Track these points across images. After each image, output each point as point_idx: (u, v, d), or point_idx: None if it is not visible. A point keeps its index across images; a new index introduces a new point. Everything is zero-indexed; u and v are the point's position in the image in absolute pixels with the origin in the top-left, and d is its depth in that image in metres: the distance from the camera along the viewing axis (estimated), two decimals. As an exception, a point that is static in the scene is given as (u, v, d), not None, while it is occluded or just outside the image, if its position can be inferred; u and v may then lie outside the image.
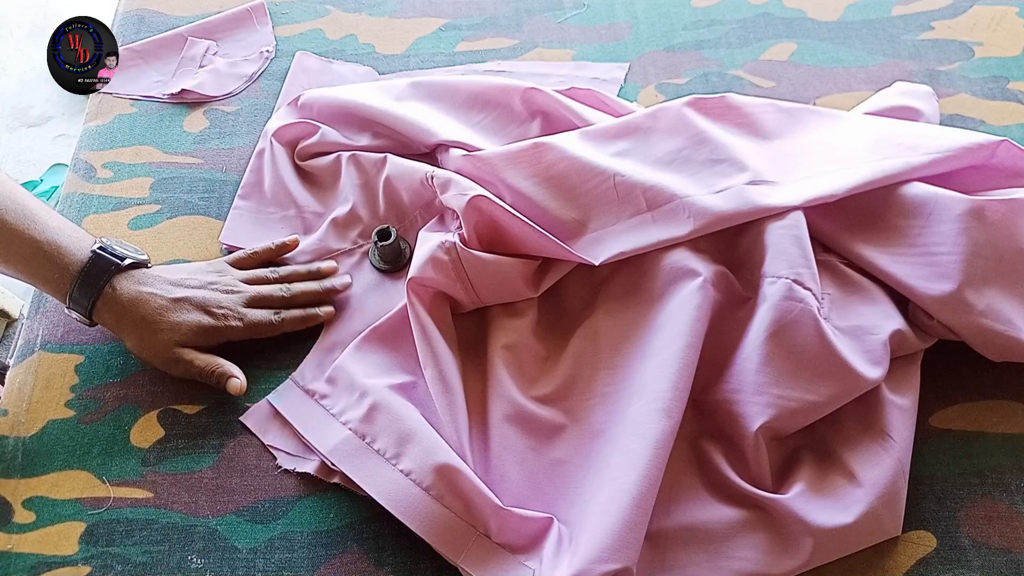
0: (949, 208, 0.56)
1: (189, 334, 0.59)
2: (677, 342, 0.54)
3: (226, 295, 0.62)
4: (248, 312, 0.61)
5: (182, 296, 0.60)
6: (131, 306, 0.58)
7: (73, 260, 0.58)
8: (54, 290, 0.59)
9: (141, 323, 0.58)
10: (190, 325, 0.59)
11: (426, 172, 0.65)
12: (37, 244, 0.57)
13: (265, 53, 0.84)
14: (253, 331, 0.62)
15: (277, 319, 0.62)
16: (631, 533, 0.49)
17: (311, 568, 0.54)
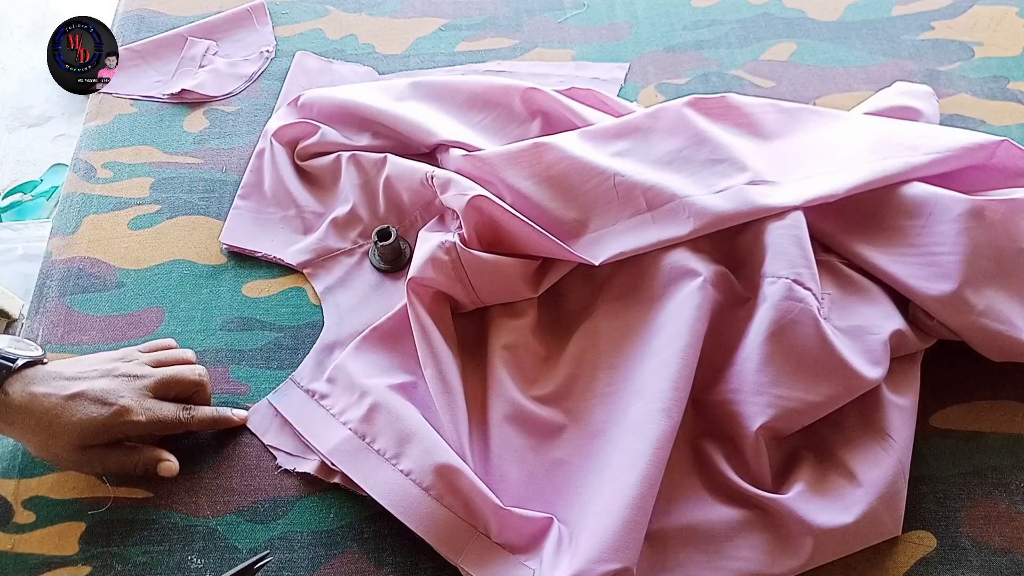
0: (949, 208, 0.56)
1: (85, 433, 0.52)
2: (677, 342, 0.54)
3: (127, 381, 0.55)
4: (153, 405, 0.55)
5: (78, 391, 0.53)
6: (24, 411, 0.52)
7: None
8: None
9: (36, 428, 0.52)
10: (84, 422, 0.52)
11: (426, 172, 0.65)
12: None
13: (265, 53, 0.84)
14: (158, 427, 0.55)
15: (186, 416, 0.56)
16: (631, 533, 0.49)
17: (311, 568, 0.54)
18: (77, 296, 0.68)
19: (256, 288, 0.68)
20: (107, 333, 0.65)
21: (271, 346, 0.64)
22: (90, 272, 0.69)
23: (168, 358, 0.59)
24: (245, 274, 0.68)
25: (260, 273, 0.69)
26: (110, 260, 0.70)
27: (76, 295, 0.68)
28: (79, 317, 0.66)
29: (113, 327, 0.66)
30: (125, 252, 0.70)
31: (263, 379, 0.63)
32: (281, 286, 0.68)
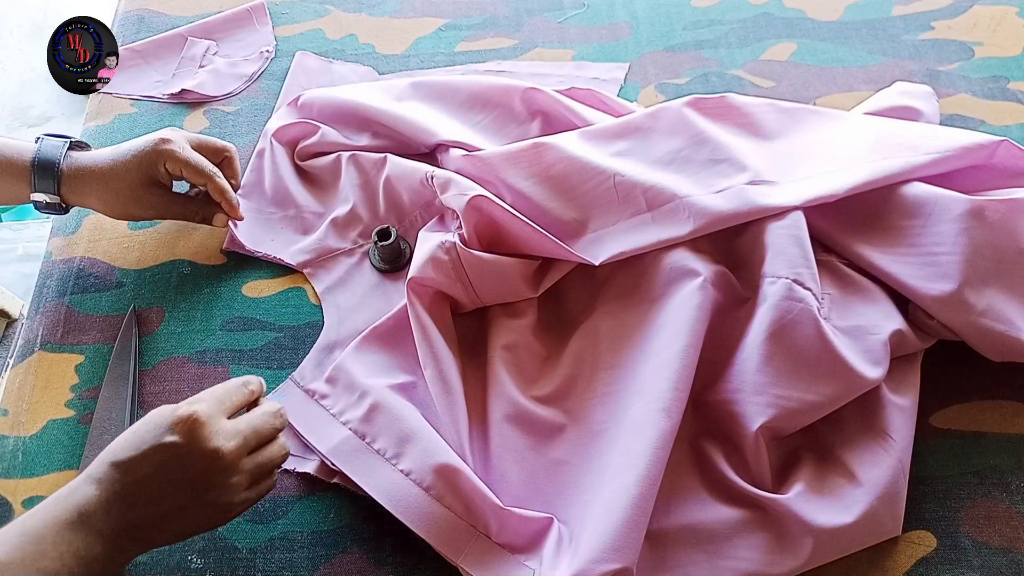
0: (949, 208, 0.56)
1: (141, 163, 0.60)
2: (677, 342, 0.54)
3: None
4: (188, 146, 0.63)
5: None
6: (92, 162, 0.60)
7: (24, 151, 0.60)
8: (16, 189, 0.60)
9: (102, 176, 0.60)
10: (136, 153, 0.61)
11: (426, 172, 0.65)
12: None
13: (265, 53, 0.84)
14: (192, 169, 0.63)
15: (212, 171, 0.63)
16: (631, 533, 0.49)
17: (311, 568, 0.54)
18: (77, 296, 0.68)
19: (256, 288, 0.68)
20: (107, 333, 0.65)
21: (271, 346, 0.64)
22: (90, 272, 0.69)
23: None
24: (245, 274, 0.69)
25: (260, 273, 0.69)
26: (110, 260, 0.70)
27: (76, 295, 0.68)
28: (79, 317, 0.66)
29: (113, 327, 0.65)
30: (125, 252, 0.70)
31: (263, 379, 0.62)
32: (281, 286, 0.68)
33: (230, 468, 0.47)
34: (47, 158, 0.60)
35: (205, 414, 0.46)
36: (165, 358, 0.64)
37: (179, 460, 0.45)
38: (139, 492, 0.45)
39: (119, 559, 0.45)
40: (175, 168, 0.62)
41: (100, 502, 0.45)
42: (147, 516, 0.45)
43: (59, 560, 0.42)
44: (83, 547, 0.43)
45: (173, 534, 0.47)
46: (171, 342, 0.65)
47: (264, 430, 0.49)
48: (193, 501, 0.46)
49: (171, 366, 0.64)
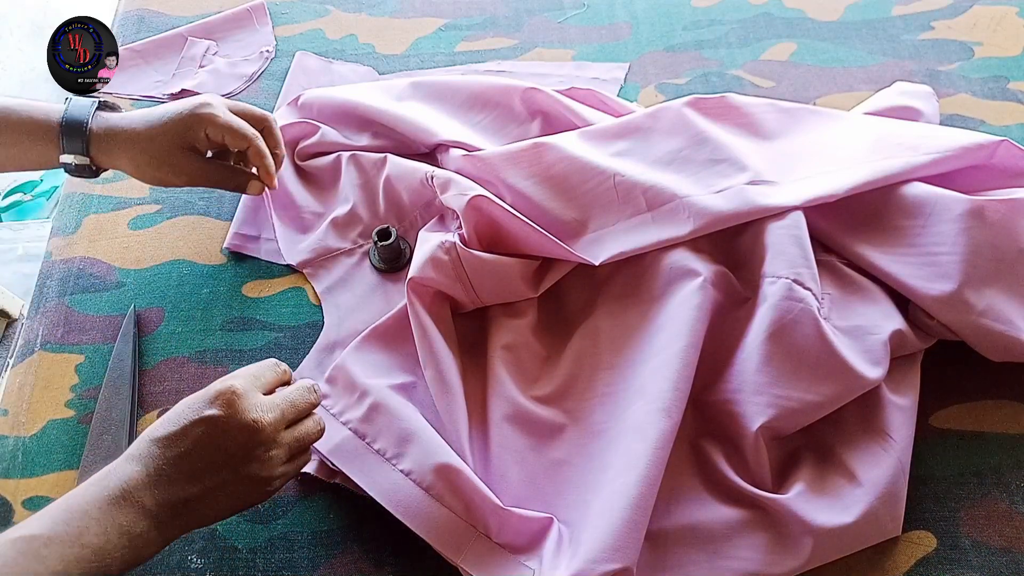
0: (949, 208, 0.56)
1: (177, 126, 0.59)
2: (677, 342, 0.54)
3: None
4: (228, 111, 0.61)
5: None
6: (124, 124, 0.58)
7: (52, 112, 0.58)
8: (45, 151, 0.58)
9: (137, 138, 0.58)
10: (172, 115, 0.59)
11: (426, 172, 0.65)
12: (8, 109, 0.57)
13: (265, 53, 0.84)
14: (231, 131, 0.61)
15: (255, 139, 0.61)
16: (631, 533, 0.49)
17: (311, 568, 0.54)
18: (77, 296, 0.68)
19: (256, 288, 0.68)
20: (107, 333, 0.65)
21: (271, 346, 0.64)
22: (90, 272, 0.69)
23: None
24: (245, 274, 0.69)
25: (260, 273, 0.69)
26: (110, 260, 0.70)
27: (76, 295, 0.68)
28: (79, 317, 0.66)
29: (113, 327, 0.65)
30: (125, 252, 0.70)
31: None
32: (281, 286, 0.68)
33: (269, 440, 0.47)
34: (75, 118, 0.58)
35: (243, 388, 0.47)
36: (165, 358, 0.64)
37: (219, 433, 0.46)
38: (180, 467, 0.45)
39: (164, 536, 0.45)
40: (216, 133, 0.60)
41: (142, 478, 0.45)
42: (189, 491, 0.45)
43: (103, 535, 0.43)
44: (127, 522, 0.43)
45: (215, 510, 0.47)
46: (171, 342, 0.65)
47: (301, 404, 0.50)
48: (234, 475, 0.46)
49: (171, 366, 0.64)
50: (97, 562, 0.42)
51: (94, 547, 0.42)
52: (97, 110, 0.59)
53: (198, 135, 0.60)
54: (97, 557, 0.42)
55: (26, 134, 0.57)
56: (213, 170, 0.62)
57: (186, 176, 0.61)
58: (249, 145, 0.61)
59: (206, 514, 0.47)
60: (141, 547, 0.44)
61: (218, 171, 0.62)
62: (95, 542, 0.42)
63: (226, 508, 0.48)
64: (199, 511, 0.46)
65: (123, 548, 0.43)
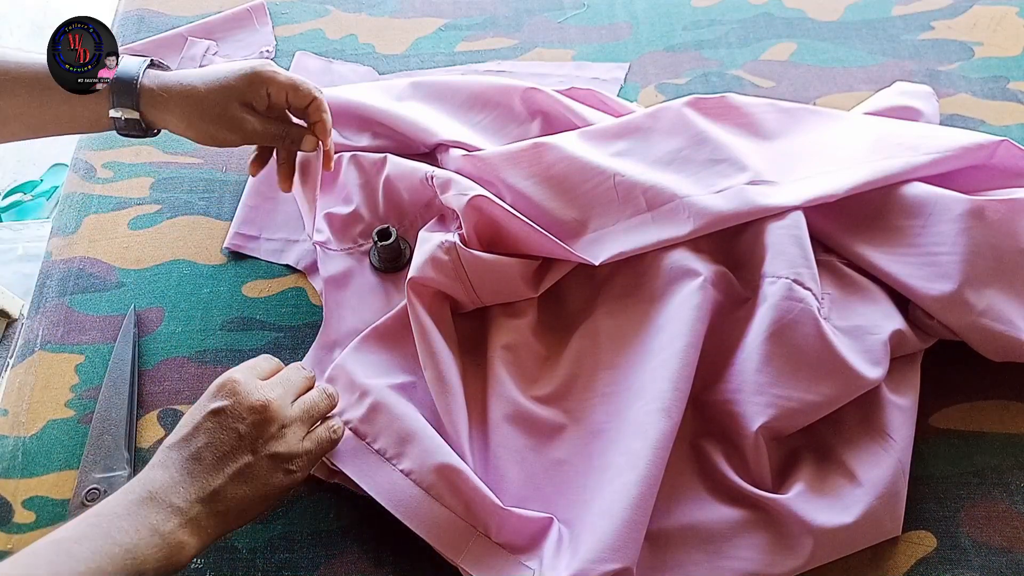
0: (949, 208, 0.56)
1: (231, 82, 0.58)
2: (677, 342, 0.54)
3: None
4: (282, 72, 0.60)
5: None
6: (178, 80, 0.58)
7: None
8: (95, 108, 0.57)
9: (189, 97, 0.57)
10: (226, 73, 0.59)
11: (426, 172, 0.65)
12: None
13: (265, 53, 0.84)
14: (292, 87, 0.60)
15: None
16: (631, 533, 0.49)
17: (311, 568, 0.54)
18: (77, 296, 0.68)
19: (256, 288, 0.68)
20: (107, 333, 0.65)
21: (271, 346, 0.64)
22: (90, 272, 0.69)
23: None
24: (245, 274, 0.69)
25: (260, 273, 0.69)
26: (110, 260, 0.70)
27: (76, 295, 0.68)
28: (79, 317, 0.66)
29: (113, 327, 0.66)
30: (125, 252, 0.70)
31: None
32: (281, 286, 0.68)
33: (279, 415, 0.49)
34: (126, 72, 0.57)
35: (241, 376, 0.49)
36: (165, 358, 0.64)
37: (230, 420, 0.47)
38: (200, 462, 0.46)
39: (200, 534, 0.45)
40: (279, 91, 0.60)
41: (166, 480, 0.45)
42: (214, 483, 0.46)
43: (135, 532, 0.42)
44: (158, 521, 0.43)
45: (246, 501, 0.47)
46: (171, 342, 0.65)
47: (297, 381, 0.52)
48: (255, 457, 0.47)
49: (171, 366, 0.64)
50: (130, 560, 0.42)
51: (126, 545, 0.42)
52: (148, 68, 0.58)
53: (259, 92, 0.59)
54: (129, 555, 0.42)
55: (75, 95, 0.56)
56: (271, 126, 0.61)
57: (241, 133, 0.60)
58: (312, 100, 0.61)
59: (236, 506, 0.46)
60: (175, 547, 0.43)
61: (276, 127, 0.61)
62: (126, 540, 0.42)
63: (256, 498, 0.47)
64: (230, 504, 0.46)
65: (156, 547, 0.43)
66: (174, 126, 0.59)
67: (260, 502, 0.48)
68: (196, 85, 0.58)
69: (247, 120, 0.59)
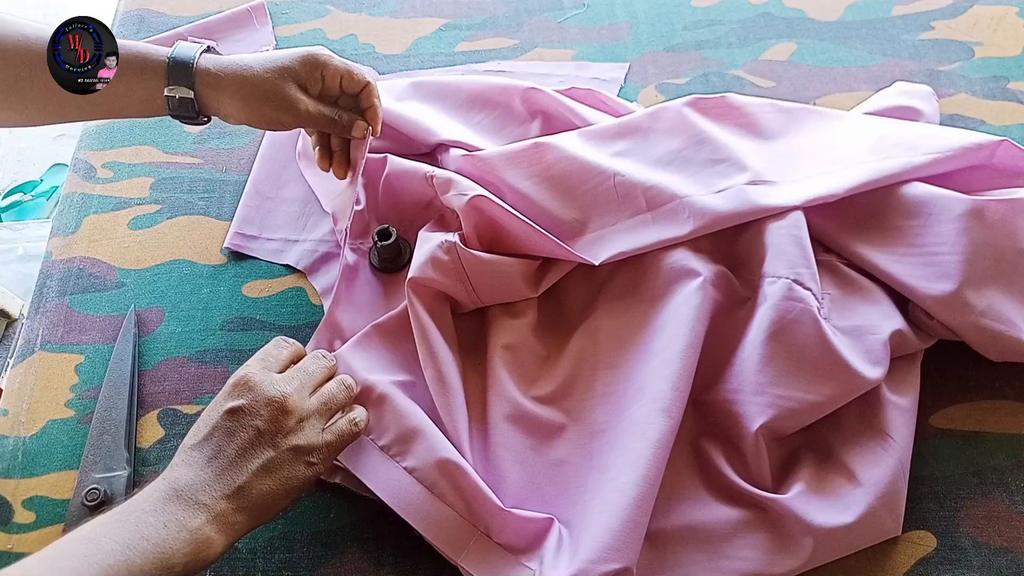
0: (949, 208, 0.56)
1: (285, 66, 0.59)
2: (677, 342, 0.54)
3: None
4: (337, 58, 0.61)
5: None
6: (234, 62, 0.58)
7: (161, 51, 0.58)
8: (151, 86, 0.58)
9: (244, 79, 0.58)
10: (281, 56, 0.59)
11: (426, 172, 0.65)
12: (122, 51, 0.56)
13: (265, 53, 0.84)
14: (346, 75, 0.61)
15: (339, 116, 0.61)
16: (631, 533, 0.49)
17: (311, 568, 0.54)
18: (77, 296, 0.68)
19: (256, 288, 0.68)
20: (107, 333, 0.65)
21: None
22: (90, 272, 0.69)
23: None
24: (245, 274, 0.69)
25: (260, 273, 0.69)
26: (110, 260, 0.70)
27: (76, 295, 0.68)
28: (79, 317, 0.66)
29: (113, 327, 0.66)
30: (125, 252, 0.70)
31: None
32: (281, 286, 0.68)
33: (297, 408, 0.49)
34: (183, 53, 0.58)
35: (255, 372, 0.49)
36: (165, 358, 0.64)
37: (247, 417, 0.47)
38: (223, 459, 0.46)
39: (226, 531, 0.45)
40: (333, 76, 0.60)
41: (190, 479, 0.45)
42: (238, 480, 0.46)
43: (163, 528, 0.43)
44: (185, 517, 0.44)
45: (272, 493, 0.47)
46: (171, 342, 0.65)
47: (315, 371, 0.52)
48: (276, 451, 0.47)
49: (171, 366, 0.64)
50: (158, 554, 0.42)
51: (154, 540, 0.42)
52: (204, 52, 0.59)
53: (314, 75, 0.60)
54: (158, 550, 0.42)
55: (132, 70, 0.57)
56: (324, 110, 0.61)
57: (295, 113, 0.60)
58: (365, 86, 0.62)
59: (261, 501, 0.46)
60: (203, 543, 0.43)
61: (330, 110, 0.62)
62: (155, 535, 0.42)
63: (280, 492, 0.47)
64: (255, 499, 0.46)
65: (183, 543, 0.43)
66: (228, 107, 0.59)
67: (284, 496, 0.48)
68: (252, 66, 0.59)
69: (301, 101, 0.59)
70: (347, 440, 0.52)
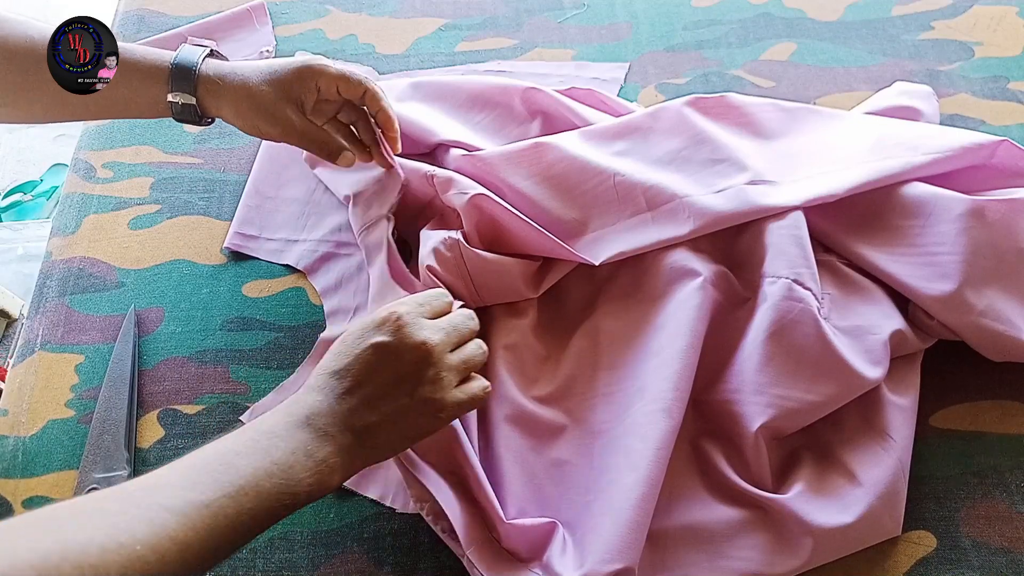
0: (949, 208, 0.56)
1: (282, 80, 0.59)
2: (677, 342, 0.54)
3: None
4: (336, 63, 0.61)
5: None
6: (233, 70, 0.59)
7: (164, 55, 0.59)
8: (154, 91, 0.59)
9: (243, 92, 0.59)
10: (277, 69, 0.59)
11: (426, 171, 0.65)
12: (127, 56, 0.57)
13: (265, 53, 0.84)
14: (344, 81, 0.60)
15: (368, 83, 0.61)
16: (633, 534, 0.49)
17: (311, 568, 0.54)
18: (77, 296, 0.68)
19: (256, 288, 0.68)
20: (107, 333, 0.65)
21: (271, 346, 0.64)
22: (90, 272, 0.69)
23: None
24: (245, 274, 0.69)
25: (260, 273, 0.69)
26: (110, 260, 0.70)
27: (76, 295, 0.68)
28: (79, 317, 0.66)
29: (113, 327, 0.66)
30: (125, 252, 0.70)
31: (263, 379, 0.63)
32: (281, 286, 0.68)
33: (439, 361, 0.48)
34: (186, 59, 0.58)
35: (407, 312, 0.49)
36: (165, 358, 0.64)
37: (390, 357, 0.47)
38: (357, 394, 0.46)
39: (348, 465, 0.46)
40: (329, 84, 0.60)
41: (324, 407, 0.46)
42: (369, 419, 0.46)
43: (291, 454, 0.43)
44: (313, 446, 0.44)
45: (396, 437, 0.47)
46: (171, 342, 0.65)
47: (463, 329, 0.51)
48: (410, 399, 0.47)
49: (171, 366, 0.64)
50: (285, 480, 0.42)
51: (282, 464, 0.43)
52: (207, 57, 0.60)
53: (309, 86, 0.59)
54: (285, 475, 0.43)
55: (137, 75, 0.58)
56: (310, 130, 0.61)
57: (281, 129, 0.60)
58: (364, 91, 0.61)
59: (384, 443, 0.47)
60: (326, 474, 0.44)
61: (315, 132, 0.61)
62: (283, 459, 0.43)
63: (403, 436, 0.48)
64: (379, 440, 0.47)
65: (309, 471, 0.43)
66: (225, 114, 0.60)
67: (403, 443, 0.48)
68: (249, 77, 0.59)
69: (291, 119, 0.60)
70: (476, 405, 0.51)
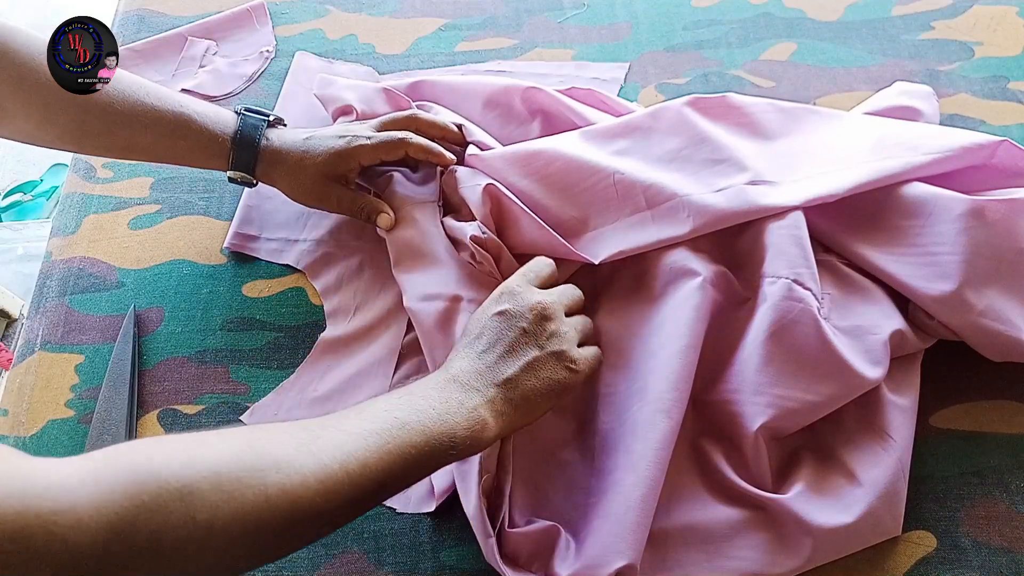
0: (949, 208, 0.56)
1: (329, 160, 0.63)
2: (677, 342, 0.54)
3: (358, 127, 0.66)
4: (377, 134, 0.64)
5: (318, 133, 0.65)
6: (285, 148, 0.63)
7: (225, 124, 0.62)
8: (215, 163, 0.63)
9: (290, 166, 0.63)
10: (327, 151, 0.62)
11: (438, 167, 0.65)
12: (188, 119, 0.61)
13: (265, 53, 0.84)
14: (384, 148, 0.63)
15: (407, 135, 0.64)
16: (634, 534, 0.49)
17: (311, 568, 0.54)
18: (77, 296, 0.68)
19: (256, 288, 0.68)
20: (107, 333, 0.65)
21: (271, 346, 0.64)
22: (90, 272, 0.69)
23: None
24: (245, 274, 0.69)
25: (260, 273, 0.69)
26: (110, 260, 0.70)
27: (76, 295, 0.68)
28: (79, 317, 0.66)
29: (113, 327, 0.66)
30: (125, 252, 0.70)
31: (263, 379, 0.63)
32: (281, 286, 0.68)
33: (557, 315, 0.53)
34: (248, 137, 0.62)
35: (518, 282, 0.54)
36: (165, 358, 0.64)
37: (513, 319, 0.52)
38: (493, 353, 0.50)
39: (499, 420, 0.49)
40: (371, 158, 0.64)
41: (466, 368, 0.50)
42: (507, 371, 0.50)
43: (445, 403, 0.47)
44: (463, 397, 0.48)
45: (537, 390, 0.50)
46: (171, 342, 0.65)
47: (570, 295, 0.55)
48: (540, 351, 0.51)
49: (171, 366, 0.64)
50: (444, 423, 0.46)
51: (440, 411, 0.46)
52: (267, 127, 0.63)
53: (350, 166, 0.63)
54: (443, 419, 0.46)
55: (200, 148, 0.62)
56: (351, 200, 0.65)
57: (327, 203, 0.66)
58: (406, 148, 0.64)
59: (528, 397, 0.50)
60: (480, 424, 0.47)
61: (355, 201, 0.65)
62: (440, 407, 0.46)
63: (543, 391, 0.50)
64: (522, 392, 0.50)
65: (463, 418, 0.47)
66: (278, 187, 0.66)
67: (546, 396, 0.50)
68: (297, 155, 0.63)
69: (335, 192, 0.64)
70: (593, 364, 0.54)
